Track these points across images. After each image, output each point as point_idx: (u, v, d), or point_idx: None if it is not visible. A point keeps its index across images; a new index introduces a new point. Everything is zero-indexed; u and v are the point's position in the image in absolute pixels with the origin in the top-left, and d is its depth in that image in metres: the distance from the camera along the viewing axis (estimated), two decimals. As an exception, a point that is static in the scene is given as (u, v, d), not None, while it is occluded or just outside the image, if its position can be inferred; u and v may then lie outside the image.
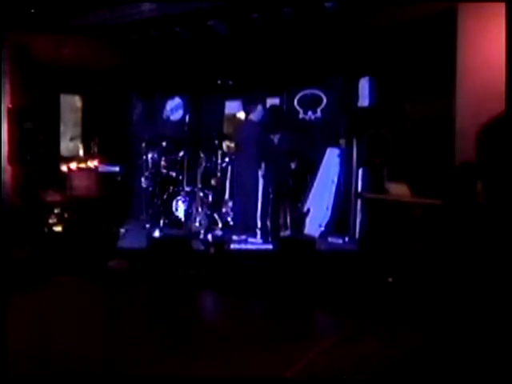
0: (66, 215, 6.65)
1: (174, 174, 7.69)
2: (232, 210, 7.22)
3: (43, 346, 3.62)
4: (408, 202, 5.24)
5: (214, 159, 7.37)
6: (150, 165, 7.77)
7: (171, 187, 7.56)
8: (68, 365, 3.30)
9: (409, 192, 5.31)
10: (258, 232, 6.79)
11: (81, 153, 8.30)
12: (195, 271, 5.44)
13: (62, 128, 8.26)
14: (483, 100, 4.88)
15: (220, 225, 7.12)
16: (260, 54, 7.28)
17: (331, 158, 7.38)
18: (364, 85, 7.05)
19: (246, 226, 6.87)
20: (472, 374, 3.17)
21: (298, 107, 7.84)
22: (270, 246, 6.43)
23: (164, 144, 7.73)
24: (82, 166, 7.62)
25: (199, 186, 7.22)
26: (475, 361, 3.31)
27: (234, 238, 6.72)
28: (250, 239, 6.72)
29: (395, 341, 3.69)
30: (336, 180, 7.27)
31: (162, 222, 7.32)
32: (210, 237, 6.66)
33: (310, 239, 6.49)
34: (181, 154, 7.61)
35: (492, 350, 3.43)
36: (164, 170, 7.74)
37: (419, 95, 6.14)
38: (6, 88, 6.36)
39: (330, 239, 6.89)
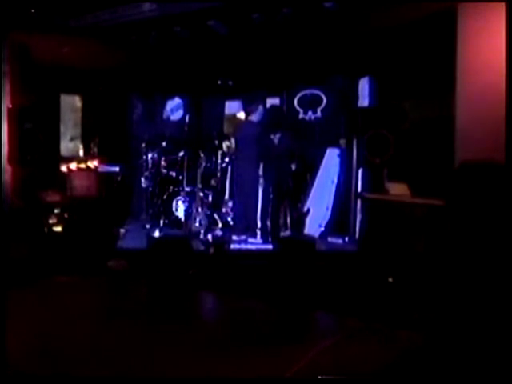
0: (65, 215, 6.64)
1: (173, 174, 7.69)
2: (232, 210, 7.22)
3: (43, 345, 3.62)
4: (408, 202, 5.23)
5: (213, 159, 7.38)
6: (149, 165, 7.77)
7: (171, 187, 7.56)
8: (67, 365, 3.31)
9: (409, 192, 5.31)
10: (258, 232, 6.79)
11: (81, 153, 8.30)
12: (195, 271, 5.44)
13: (62, 128, 8.26)
14: (483, 100, 4.88)
15: (220, 225, 7.12)
16: (260, 54, 7.27)
17: (331, 158, 7.39)
18: (364, 85, 7.06)
19: (245, 226, 6.87)
20: (472, 374, 3.17)
21: (298, 107, 7.85)
22: (270, 246, 6.43)
23: (164, 144, 7.73)
24: (82, 166, 7.62)
25: (199, 186, 7.22)
26: (475, 361, 3.31)
27: (234, 238, 6.72)
28: (250, 239, 6.72)
29: (395, 341, 3.69)
30: (336, 180, 7.28)
31: (161, 222, 7.32)
32: (209, 237, 6.65)
33: (310, 239, 6.49)
34: (181, 154, 7.61)
35: (492, 349, 3.43)
36: (164, 170, 7.74)
37: (419, 95, 6.14)
38: (6, 88, 6.35)
39: (329, 239, 6.89)
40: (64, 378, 3.12)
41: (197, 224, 7.06)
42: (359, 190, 6.80)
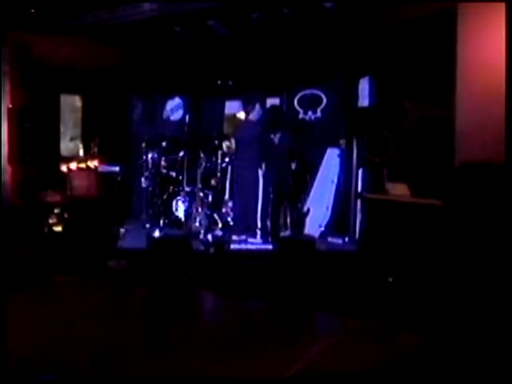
0: (65, 215, 6.64)
1: (174, 174, 7.69)
2: (232, 210, 7.22)
3: (43, 345, 3.62)
4: (408, 202, 5.23)
5: (213, 159, 7.37)
6: (150, 165, 7.77)
7: (171, 187, 7.56)
8: (68, 364, 3.30)
9: (409, 192, 5.30)
10: (258, 232, 6.79)
11: (81, 153, 8.29)
12: (195, 271, 5.44)
13: (62, 128, 8.26)
14: (483, 100, 4.88)
15: (220, 225, 7.12)
16: (260, 54, 7.27)
17: (331, 158, 7.38)
18: (364, 85, 7.06)
19: (246, 226, 6.87)
20: (472, 374, 3.17)
21: (297, 107, 7.85)
22: (269, 246, 6.43)
23: (164, 144, 7.73)
24: (82, 166, 7.61)
25: (199, 186, 7.22)
26: (475, 361, 3.31)
27: (234, 238, 6.72)
28: (250, 239, 6.72)
29: (395, 341, 3.69)
30: (336, 180, 7.28)
31: (162, 222, 7.33)
32: (210, 237, 6.66)
33: (310, 239, 6.49)
34: (181, 154, 7.61)
35: (492, 349, 3.43)
36: (164, 170, 7.74)
37: (419, 95, 6.13)
38: (6, 88, 6.35)
39: (329, 239, 6.89)
40: (63, 378, 3.12)
41: (197, 224, 7.06)
42: (359, 189, 6.79)
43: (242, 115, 7.44)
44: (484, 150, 4.69)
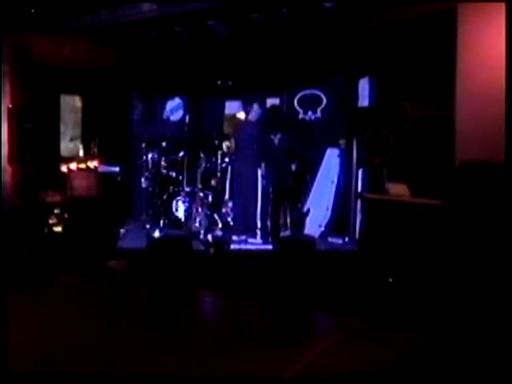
0: (65, 215, 6.64)
1: (173, 175, 7.69)
2: (232, 210, 7.22)
3: (43, 345, 3.61)
4: (408, 202, 5.23)
5: (213, 159, 7.37)
6: (150, 165, 7.78)
7: (171, 187, 7.56)
8: (68, 365, 3.30)
9: (409, 192, 5.30)
10: (258, 232, 6.79)
11: (81, 153, 8.29)
12: (195, 271, 5.44)
13: (62, 128, 8.26)
14: (483, 100, 4.88)
15: (220, 225, 7.12)
16: (260, 55, 7.28)
17: (331, 158, 7.38)
18: (364, 85, 7.06)
19: (245, 227, 6.88)
20: (472, 374, 3.17)
21: (297, 107, 7.84)
22: (269, 247, 6.43)
23: (164, 144, 7.73)
24: (82, 166, 7.61)
25: (199, 186, 7.22)
26: (475, 361, 3.31)
27: (234, 238, 6.72)
28: (250, 239, 6.72)
29: (395, 341, 3.69)
30: (336, 180, 7.27)
31: (162, 222, 7.32)
32: (209, 237, 6.65)
33: (310, 239, 6.49)
34: (181, 154, 7.61)
35: (492, 349, 3.43)
36: (164, 170, 7.74)
37: (419, 95, 6.14)
38: (6, 88, 6.35)
39: (329, 239, 6.89)
40: (64, 378, 3.12)
41: (197, 224, 7.06)
42: (359, 189, 6.80)
43: (241, 115, 7.44)
44: (484, 150, 4.70)
